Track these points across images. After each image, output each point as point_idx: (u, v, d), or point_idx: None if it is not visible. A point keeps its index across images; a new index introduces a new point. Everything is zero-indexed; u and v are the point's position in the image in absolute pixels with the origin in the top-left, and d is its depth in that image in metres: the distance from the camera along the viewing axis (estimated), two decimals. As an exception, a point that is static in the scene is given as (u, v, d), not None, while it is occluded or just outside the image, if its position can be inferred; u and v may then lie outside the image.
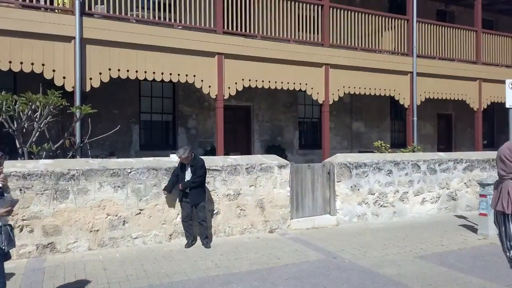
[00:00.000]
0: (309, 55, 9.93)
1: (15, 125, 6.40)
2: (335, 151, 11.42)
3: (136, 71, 8.17)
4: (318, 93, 10.13)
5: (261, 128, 12.05)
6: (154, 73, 8.32)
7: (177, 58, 8.50)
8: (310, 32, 10.12)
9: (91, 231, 5.93)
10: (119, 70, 8.02)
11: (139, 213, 6.21)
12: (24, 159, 6.41)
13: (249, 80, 9.28)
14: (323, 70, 10.14)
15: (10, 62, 7.12)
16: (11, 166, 5.62)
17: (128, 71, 8.09)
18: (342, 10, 10.42)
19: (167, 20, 8.79)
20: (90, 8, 7.98)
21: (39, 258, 5.57)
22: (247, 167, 7.04)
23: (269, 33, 9.57)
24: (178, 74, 8.54)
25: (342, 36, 10.45)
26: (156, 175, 6.35)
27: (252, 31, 9.46)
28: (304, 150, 12.70)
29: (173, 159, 6.70)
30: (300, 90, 10.16)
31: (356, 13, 10.63)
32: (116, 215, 6.08)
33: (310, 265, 5.38)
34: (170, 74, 8.47)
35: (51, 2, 8.02)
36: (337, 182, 7.87)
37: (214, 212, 6.74)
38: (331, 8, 10.25)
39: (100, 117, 9.20)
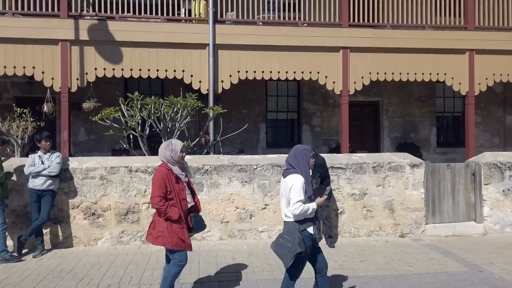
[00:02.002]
0: (449, 41, 8.80)
1: (161, 125, 7.28)
2: (483, 149, 9.89)
3: (262, 72, 8.45)
4: (460, 84, 8.91)
5: (392, 125, 11.22)
6: (279, 72, 8.48)
7: (301, 56, 8.50)
8: (449, 16, 8.98)
9: (222, 222, 6.36)
10: (247, 71, 8.42)
11: (265, 208, 6.40)
12: (167, 155, 7.23)
13: (377, 73, 8.71)
14: (466, 57, 8.87)
15: (157, 70, 8.14)
16: (157, 161, 6.40)
17: (255, 72, 8.43)
18: (491, -14, 8.95)
19: (292, 19, 8.89)
20: (222, 16, 8.60)
21: (179, 243, 6.21)
22: (374, 165, 6.60)
23: (400, 21, 8.84)
24: (302, 72, 8.54)
25: (490, 17, 8.99)
26: (280, 172, 6.45)
27: (380, 21, 8.88)
28: (443, 149, 11.34)
29: (297, 156, 6.72)
30: (437, 81, 9.10)
31: (510, -14, 9.00)
32: (244, 209, 6.39)
33: (448, 276, 4.73)
34: (294, 72, 8.52)
35: (189, 14, 8.91)
36: (485, 185, 6.78)
37: (339, 211, 6.52)
38: (476, -15, 8.91)
39: (231, 117, 9.85)
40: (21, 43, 7.66)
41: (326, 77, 8.58)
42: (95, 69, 7.93)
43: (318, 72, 8.56)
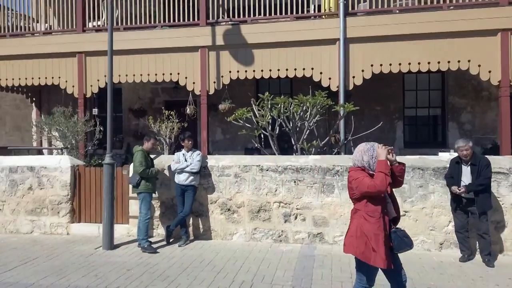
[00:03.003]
0: None
1: (291, 125, 7.24)
2: None
3: (399, 64, 7.69)
4: None
5: None
6: (419, 63, 7.60)
7: (447, 43, 7.44)
8: None
9: (354, 227, 5.97)
10: (381, 65, 7.79)
11: (404, 215, 5.75)
12: (297, 154, 7.17)
13: (551, 57, 7.08)
14: None
15: (286, 69, 8.14)
16: (286, 160, 6.38)
17: (390, 65, 7.73)
18: None
19: (435, 2, 7.88)
20: (353, 7, 8.13)
21: (310, 245, 6.06)
22: (549, 170, 5.34)
23: None
24: (448, 62, 7.47)
25: None
26: (422, 176, 5.73)
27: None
28: None
29: (443, 158, 5.89)
30: None
31: None
32: (379, 214, 5.87)
33: None
34: (439, 62, 7.51)
35: (319, 10, 8.69)
36: None
37: (499, 224, 5.46)
38: None
39: (363, 114, 9.29)
40: (168, 52, 8.54)
41: (479, 66, 7.34)
42: (230, 72, 8.35)
43: (468, 61, 7.38)
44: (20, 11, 9.41)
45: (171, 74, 8.58)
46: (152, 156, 6.41)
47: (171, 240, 6.26)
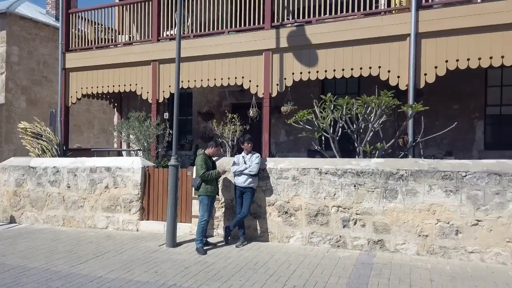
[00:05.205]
0: None
1: (354, 126, 6.97)
2: None
3: (479, 59, 6.95)
4: None
5: None
6: (503, 57, 6.80)
7: (538, 32, 6.56)
8: None
9: (419, 235, 5.57)
10: (457, 60, 7.12)
11: (476, 224, 5.22)
12: (360, 157, 6.87)
13: None
14: None
15: (351, 69, 7.83)
16: (347, 163, 6.16)
17: (468, 60, 7.02)
18: None
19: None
20: (427, 0, 7.56)
21: (370, 252, 5.79)
22: None
23: None
24: (539, 53, 6.58)
25: None
26: (499, 182, 5.13)
27: None
28: None
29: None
30: None
31: None
32: (448, 223, 5.39)
33: None
34: (526, 54, 6.66)
35: (389, 5, 8.22)
36: None
37: None
38: None
39: (437, 114, 8.59)
40: (234, 57, 8.75)
41: None
42: (293, 73, 8.29)
43: None
44: (107, 25, 10.40)
45: (236, 78, 8.80)
46: (214, 158, 6.64)
47: (229, 240, 6.43)
